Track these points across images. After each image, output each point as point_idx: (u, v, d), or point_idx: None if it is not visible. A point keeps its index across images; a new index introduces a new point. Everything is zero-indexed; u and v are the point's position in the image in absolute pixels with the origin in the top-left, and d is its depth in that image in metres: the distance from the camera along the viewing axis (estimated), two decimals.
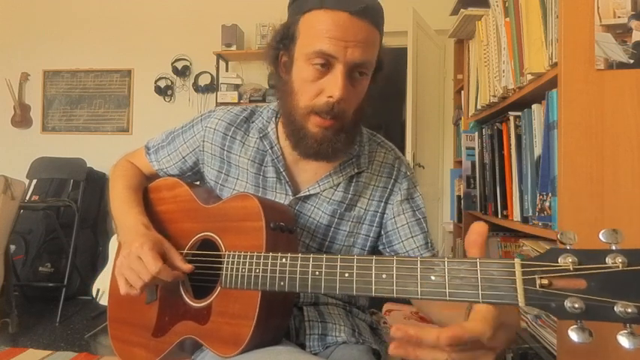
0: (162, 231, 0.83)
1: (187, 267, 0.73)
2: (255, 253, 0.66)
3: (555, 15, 1.03)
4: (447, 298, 0.48)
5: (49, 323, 2.60)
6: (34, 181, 3.29)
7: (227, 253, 0.70)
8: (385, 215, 0.85)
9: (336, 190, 0.83)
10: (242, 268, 0.66)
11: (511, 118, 1.34)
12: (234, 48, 3.48)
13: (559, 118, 0.97)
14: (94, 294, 2.36)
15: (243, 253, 0.67)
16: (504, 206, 1.40)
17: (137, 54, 3.85)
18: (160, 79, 3.79)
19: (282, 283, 0.61)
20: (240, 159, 0.86)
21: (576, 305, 0.40)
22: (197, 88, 3.72)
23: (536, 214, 1.14)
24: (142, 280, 0.70)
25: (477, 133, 1.72)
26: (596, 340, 0.41)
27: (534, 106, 1.20)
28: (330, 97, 0.70)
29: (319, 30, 0.69)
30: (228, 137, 0.86)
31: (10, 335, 2.38)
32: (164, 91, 3.79)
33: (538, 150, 1.16)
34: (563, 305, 0.41)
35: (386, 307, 1.62)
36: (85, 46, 3.91)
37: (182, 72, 3.75)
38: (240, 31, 3.54)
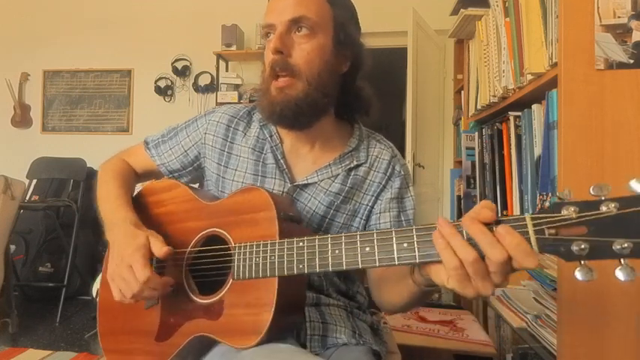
0: (162, 233, 0.80)
1: (164, 249, 0.71)
2: (269, 241, 0.66)
3: (555, 15, 1.03)
4: None
5: (49, 323, 2.60)
6: (34, 181, 3.29)
7: (237, 245, 0.70)
8: (372, 210, 0.87)
9: (333, 181, 0.85)
10: (256, 258, 0.66)
11: (511, 118, 1.34)
12: (234, 48, 3.48)
13: (559, 118, 0.97)
14: (93, 294, 2.34)
15: (255, 242, 0.67)
16: (504, 206, 1.40)
17: (137, 54, 3.85)
18: (160, 79, 3.79)
19: (300, 266, 0.62)
20: (242, 148, 0.88)
21: (582, 247, 0.46)
22: (197, 88, 3.72)
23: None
24: (131, 290, 0.70)
25: (477, 133, 1.72)
26: (596, 340, 0.42)
27: (534, 106, 1.20)
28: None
29: (266, 10, 0.81)
30: (231, 129, 0.90)
31: (10, 335, 2.38)
32: (164, 91, 3.79)
33: (538, 150, 1.16)
34: (571, 249, 0.46)
35: None
36: (85, 46, 3.91)
37: (182, 72, 3.75)
38: (240, 31, 3.54)
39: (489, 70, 1.51)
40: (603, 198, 0.47)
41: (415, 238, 0.55)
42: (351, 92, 0.87)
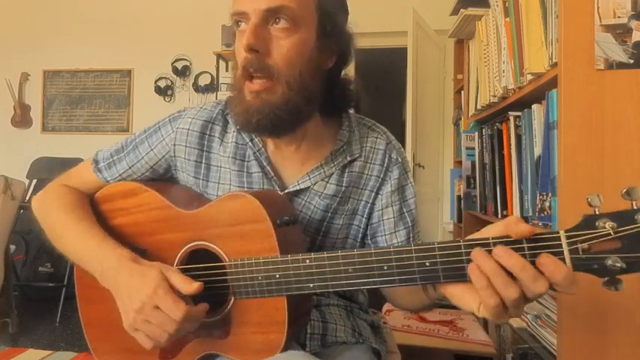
0: (135, 247, 0.73)
1: (195, 285, 0.62)
2: (270, 258, 0.60)
3: (555, 15, 1.03)
4: None
5: (49, 323, 2.60)
6: (34, 181, 3.29)
7: (233, 262, 0.63)
8: (374, 206, 0.81)
9: (328, 182, 0.77)
10: (257, 275, 0.61)
11: (511, 118, 1.34)
12: (234, 48, 3.48)
13: (559, 118, 0.97)
14: None
15: (254, 259, 0.61)
16: (504, 206, 1.40)
17: (137, 54, 3.86)
18: (160, 79, 3.80)
19: (311, 285, 0.58)
20: (221, 158, 0.78)
21: (617, 264, 0.44)
22: (197, 88, 3.73)
23: (536, 214, 1.14)
24: (166, 333, 0.61)
25: (477, 133, 1.72)
26: (595, 340, 0.42)
27: (534, 106, 1.19)
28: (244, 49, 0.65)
29: None
30: (206, 136, 0.79)
31: (10, 335, 2.38)
32: (164, 91, 3.79)
33: (538, 150, 1.16)
34: (605, 265, 0.44)
35: (386, 307, 1.62)
36: (85, 46, 3.91)
37: (182, 72, 3.75)
38: None
39: (489, 70, 1.51)
40: (635, 206, 0.44)
41: (439, 257, 0.51)
42: (338, 88, 0.78)
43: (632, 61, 0.92)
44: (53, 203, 0.79)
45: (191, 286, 0.61)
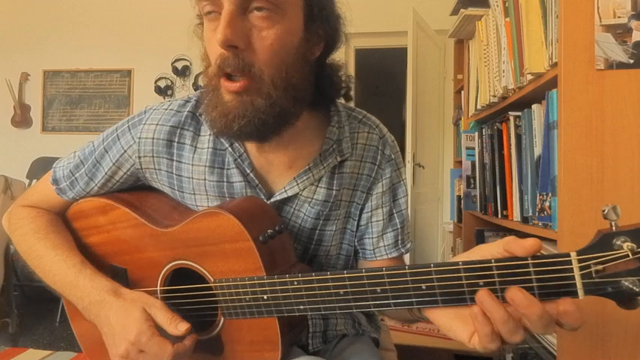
0: (113, 267, 0.71)
1: (183, 328, 0.58)
2: (256, 279, 0.57)
3: (555, 15, 1.03)
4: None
5: (49, 323, 2.60)
6: (34, 181, 3.30)
7: (218, 282, 0.60)
8: (363, 208, 0.75)
9: (317, 186, 0.70)
10: (245, 296, 0.58)
11: (511, 118, 1.34)
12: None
13: (559, 118, 0.97)
14: None
15: (239, 280, 0.58)
16: (504, 206, 1.40)
17: (137, 54, 3.85)
18: (160, 79, 3.80)
19: (301, 307, 0.55)
20: (194, 168, 0.69)
21: (636, 288, 0.40)
22: (197, 88, 3.72)
23: (536, 214, 1.14)
24: None
25: (477, 133, 1.72)
26: (595, 340, 0.41)
27: (534, 106, 1.19)
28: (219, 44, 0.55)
29: None
30: (175, 144, 0.69)
31: (10, 335, 2.38)
32: (164, 91, 3.79)
33: (538, 150, 1.16)
34: (621, 288, 0.41)
35: None
36: (85, 46, 3.91)
37: (182, 72, 3.75)
38: None
39: (489, 70, 1.51)
40: None
41: (436, 281, 0.47)
42: (325, 77, 0.69)
43: (632, 61, 0.92)
44: (25, 229, 0.72)
45: (177, 329, 0.58)
